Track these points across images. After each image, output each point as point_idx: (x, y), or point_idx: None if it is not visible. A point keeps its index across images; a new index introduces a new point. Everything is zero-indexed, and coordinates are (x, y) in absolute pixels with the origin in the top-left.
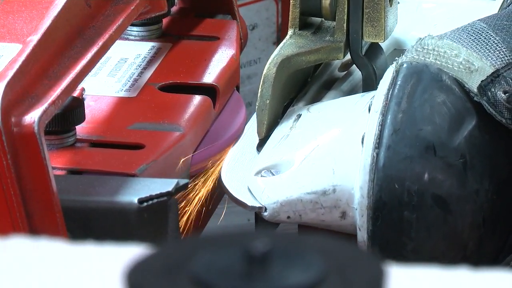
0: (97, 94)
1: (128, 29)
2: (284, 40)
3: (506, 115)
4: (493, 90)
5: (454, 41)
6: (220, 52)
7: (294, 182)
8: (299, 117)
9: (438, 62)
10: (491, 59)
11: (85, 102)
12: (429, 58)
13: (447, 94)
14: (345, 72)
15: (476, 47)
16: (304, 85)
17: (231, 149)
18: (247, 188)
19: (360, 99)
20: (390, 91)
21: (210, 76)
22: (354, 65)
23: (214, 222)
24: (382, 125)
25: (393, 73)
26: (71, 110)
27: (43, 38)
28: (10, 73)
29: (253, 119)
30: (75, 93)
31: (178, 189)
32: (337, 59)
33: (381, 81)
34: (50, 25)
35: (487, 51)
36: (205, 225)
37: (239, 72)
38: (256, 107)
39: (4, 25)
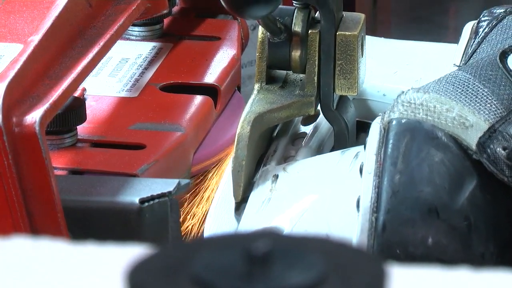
0: (98, 94)
1: (129, 29)
2: (253, 96)
3: (507, 172)
4: (492, 146)
5: (442, 95)
6: (221, 52)
7: None
8: (277, 178)
9: (430, 118)
10: (484, 113)
11: (86, 102)
12: (419, 113)
13: (444, 152)
14: (309, 126)
15: (466, 101)
16: (270, 142)
17: (209, 214)
18: None
19: (341, 157)
20: (382, 150)
21: (211, 76)
22: (318, 118)
23: None
24: (379, 187)
25: (381, 131)
26: (72, 110)
27: (44, 38)
28: (11, 73)
29: (226, 180)
30: (76, 93)
31: (179, 189)
32: (308, 114)
33: (368, 139)
34: (51, 25)
35: (479, 105)
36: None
37: (240, 72)
38: (231, 168)
39: (5, 25)
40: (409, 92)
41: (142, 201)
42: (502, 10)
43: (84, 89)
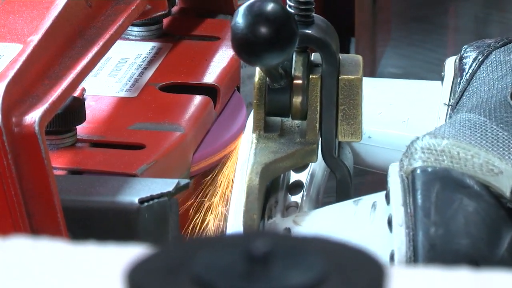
0: (97, 94)
1: (128, 29)
2: (253, 145)
3: None
4: None
5: (461, 140)
6: (221, 52)
7: None
8: (289, 231)
9: (457, 166)
10: (510, 159)
11: (85, 102)
12: (444, 161)
13: (477, 202)
14: (301, 173)
15: (488, 146)
16: (267, 192)
17: None
18: None
19: (357, 208)
20: (410, 201)
21: (210, 76)
22: (312, 165)
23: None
24: (414, 240)
25: (403, 180)
26: (72, 110)
27: (44, 38)
28: (11, 73)
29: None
30: (76, 93)
31: (179, 189)
32: (310, 162)
33: (390, 190)
34: (50, 25)
35: (502, 150)
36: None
37: (239, 72)
38: (242, 223)
39: (4, 25)
40: (425, 138)
41: (142, 201)
42: (485, 45)
43: (83, 89)
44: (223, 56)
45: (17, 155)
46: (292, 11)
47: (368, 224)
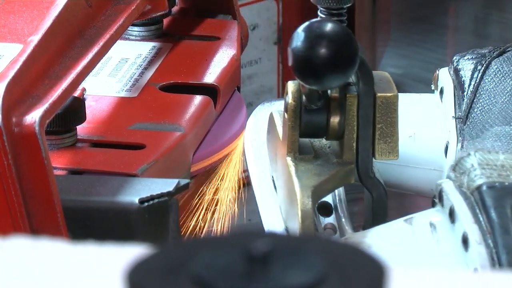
0: (98, 94)
1: (129, 29)
2: (292, 169)
3: None
4: None
5: None
6: (221, 52)
7: None
8: None
9: None
10: None
11: (85, 102)
12: (509, 176)
13: None
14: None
15: None
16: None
17: None
18: None
19: (413, 228)
20: (484, 218)
21: (211, 76)
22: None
23: None
24: (498, 258)
25: (467, 197)
26: (72, 110)
27: (44, 38)
28: (11, 73)
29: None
30: (76, 93)
31: (179, 189)
32: (349, 183)
33: (456, 209)
34: (50, 25)
35: None
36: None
37: (239, 72)
38: None
39: (5, 25)
40: (477, 154)
41: (142, 201)
42: (480, 56)
43: (83, 89)
44: (223, 56)
45: (17, 155)
46: None
47: (434, 244)
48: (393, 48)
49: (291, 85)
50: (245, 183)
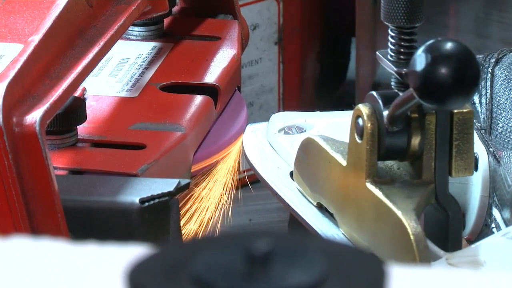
0: (98, 94)
1: (129, 29)
2: (380, 194)
3: None
4: None
5: None
6: (222, 52)
7: None
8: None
9: None
10: None
11: (86, 102)
12: None
13: None
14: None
15: None
16: None
17: None
18: None
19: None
20: None
21: (211, 76)
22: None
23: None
24: None
25: None
26: (73, 110)
27: (45, 38)
28: (12, 73)
29: None
30: (77, 93)
31: (180, 189)
32: (430, 203)
33: None
34: (51, 25)
35: None
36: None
37: (240, 72)
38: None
39: (5, 25)
40: None
41: (142, 201)
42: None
43: (84, 89)
44: (224, 56)
45: (17, 155)
46: (393, 47)
47: None
48: None
49: (364, 109)
50: (245, 183)
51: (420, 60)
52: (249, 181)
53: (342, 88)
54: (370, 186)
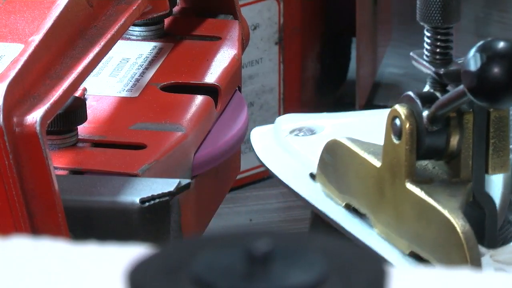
0: (99, 94)
1: (130, 29)
2: (423, 194)
3: None
4: None
5: None
6: (222, 52)
7: None
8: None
9: None
10: None
11: (87, 102)
12: None
13: None
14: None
15: None
16: None
17: None
18: None
19: None
20: None
21: (212, 76)
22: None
23: (215, 222)
24: None
25: None
26: (73, 110)
27: (45, 38)
28: (12, 73)
29: None
30: (77, 93)
31: (180, 189)
32: (468, 202)
33: None
34: (52, 25)
35: None
36: (207, 226)
37: (240, 72)
38: (470, 267)
39: (6, 25)
40: None
41: (143, 201)
42: None
43: (84, 89)
44: (224, 56)
45: (18, 155)
46: (429, 47)
47: None
48: (394, 48)
49: (402, 109)
50: (245, 183)
51: (474, 60)
52: (249, 181)
53: (342, 88)
54: (410, 186)
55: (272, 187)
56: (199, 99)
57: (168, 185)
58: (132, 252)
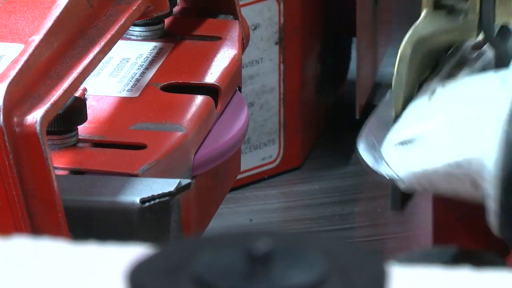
0: (99, 94)
1: (130, 29)
2: (419, 20)
3: None
4: None
5: None
6: (222, 52)
7: (430, 154)
8: (433, 92)
9: None
10: None
11: (87, 102)
12: None
13: None
14: (477, 52)
15: None
16: (437, 65)
17: (367, 124)
18: (384, 160)
19: (493, 76)
20: None
21: (212, 76)
22: (485, 46)
23: (215, 222)
24: None
25: None
26: (73, 110)
27: (45, 38)
28: (12, 73)
29: (387, 97)
30: (77, 93)
31: (180, 189)
32: (469, 38)
33: None
34: (52, 25)
35: None
36: (207, 226)
37: (241, 72)
38: (393, 84)
39: (6, 25)
40: None
41: (143, 201)
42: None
43: (85, 89)
44: (225, 56)
45: (18, 155)
46: None
47: (494, 89)
48: (394, 48)
49: None
50: (245, 183)
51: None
52: (249, 181)
53: (342, 88)
54: (421, 15)
55: (272, 187)
56: (199, 99)
57: (168, 185)
58: (132, 252)
